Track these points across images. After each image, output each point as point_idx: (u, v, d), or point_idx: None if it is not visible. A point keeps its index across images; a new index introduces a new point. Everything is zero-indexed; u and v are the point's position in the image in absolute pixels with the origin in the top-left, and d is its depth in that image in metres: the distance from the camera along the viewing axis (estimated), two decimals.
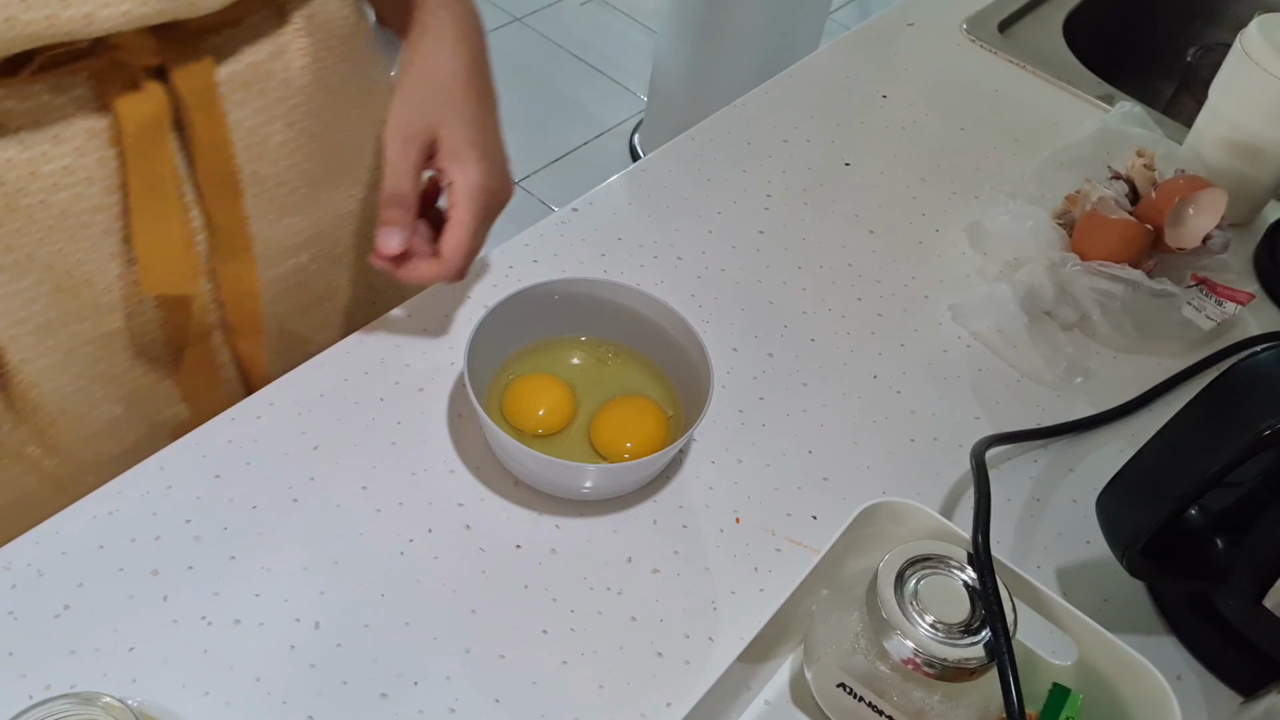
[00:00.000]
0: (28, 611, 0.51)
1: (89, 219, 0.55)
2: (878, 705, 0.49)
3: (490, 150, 0.60)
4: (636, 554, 0.58)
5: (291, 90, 0.60)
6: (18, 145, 0.51)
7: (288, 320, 0.69)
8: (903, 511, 0.51)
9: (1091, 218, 0.73)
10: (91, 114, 0.53)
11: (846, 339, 0.71)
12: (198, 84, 0.55)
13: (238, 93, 0.57)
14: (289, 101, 0.60)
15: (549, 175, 2.19)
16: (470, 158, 0.59)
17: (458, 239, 0.59)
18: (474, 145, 0.59)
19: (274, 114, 0.60)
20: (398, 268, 0.60)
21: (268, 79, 0.59)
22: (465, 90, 0.60)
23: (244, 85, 0.58)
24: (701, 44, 1.94)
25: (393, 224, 0.59)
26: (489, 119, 0.61)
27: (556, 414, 0.61)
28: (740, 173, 0.81)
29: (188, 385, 0.66)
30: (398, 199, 0.59)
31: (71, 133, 0.53)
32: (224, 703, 0.50)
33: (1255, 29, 0.75)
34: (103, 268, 0.57)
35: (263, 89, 0.59)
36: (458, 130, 0.59)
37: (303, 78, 0.60)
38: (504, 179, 0.62)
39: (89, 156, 0.54)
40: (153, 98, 0.54)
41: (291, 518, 0.56)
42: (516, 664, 0.53)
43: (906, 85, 0.92)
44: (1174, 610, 0.59)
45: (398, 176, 0.59)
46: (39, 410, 0.61)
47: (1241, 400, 0.51)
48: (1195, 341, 0.73)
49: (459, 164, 0.59)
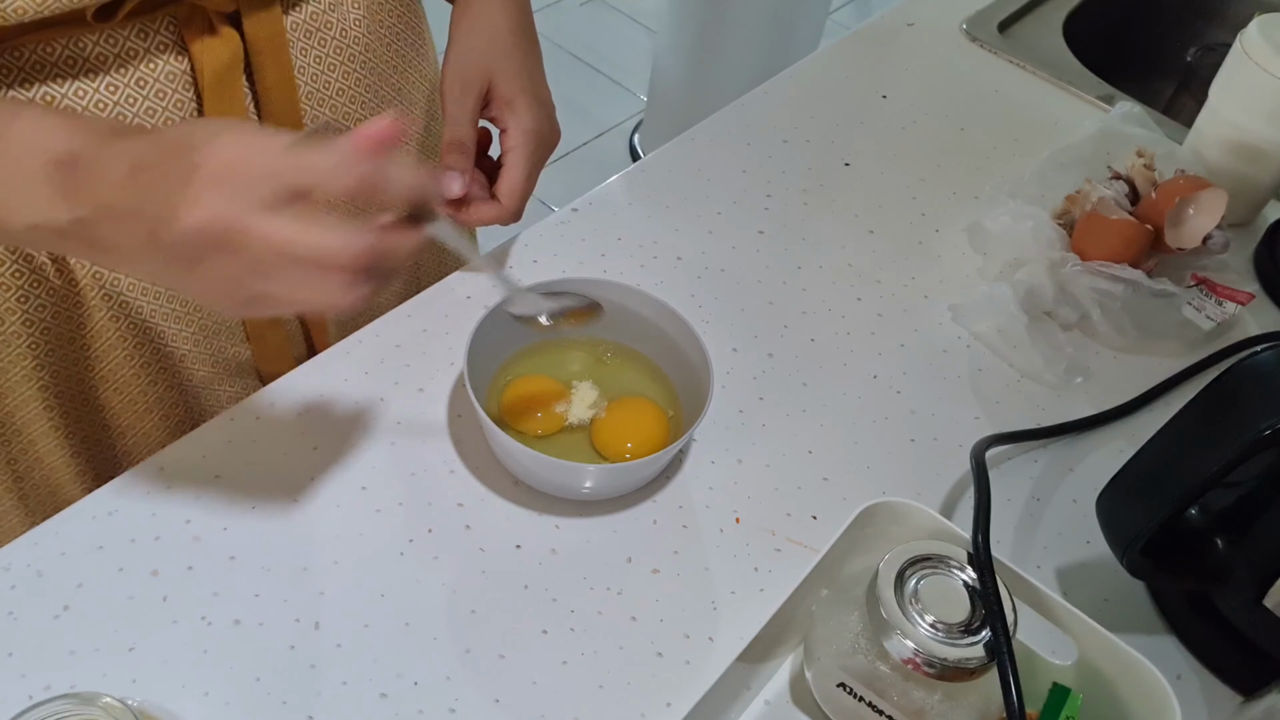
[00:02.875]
0: (28, 612, 0.51)
1: None
2: (878, 705, 0.49)
3: (541, 95, 0.64)
4: (636, 554, 0.57)
5: (348, 40, 0.64)
6: (107, 88, 0.55)
7: None
8: (903, 511, 0.51)
9: (1091, 218, 0.73)
10: (172, 58, 0.56)
11: (846, 339, 0.71)
12: (268, 30, 0.58)
13: (302, 40, 0.61)
14: (346, 51, 0.64)
15: (549, 175, 2.17)
16: (522, 104, 0.63)
17: (513, 181, 0.63)
18: (525, 92, 0.63)
19: (333, 62, 0.63)
20: (458, 212, 0.63)
21: (327, 29, 0.62)
22: (515, 39, 0.63)
23: (307, 34, 0.61)
24: (701, 44, 1.93)
25: (454, 169, 0.62)
26: (537, 67, 0.65)
27: (556, 414, 0.61)
28: (740, 173, 0.81)
29: (252, 325, 0.69)
30: (458, 145, 0.62)
31: (154, 76, 0.56)
32: (224, 703, 0.50)
33: (1255, 29, 0.75)
34: None
35: (323, 38, 0.62)
36: (510, 78, 0.63)
37: (358, 28, 0.64)
38: (553, 123, 0.66)
39: (169, 99, 0.57)
40: (228, 43, 0.57)
41: (291, 518, 0.56)
42: (516, 664, 0.53)
43: (906, 85, 0.92)
44: (1174, 610, 0.59)
45: (457, 123, 0.62)
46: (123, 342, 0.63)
47: (1241, 400, 0.51)
48: (1195, 341, 0.73)
49: (512, 111, 0.63)
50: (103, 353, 0.63)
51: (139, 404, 0.67)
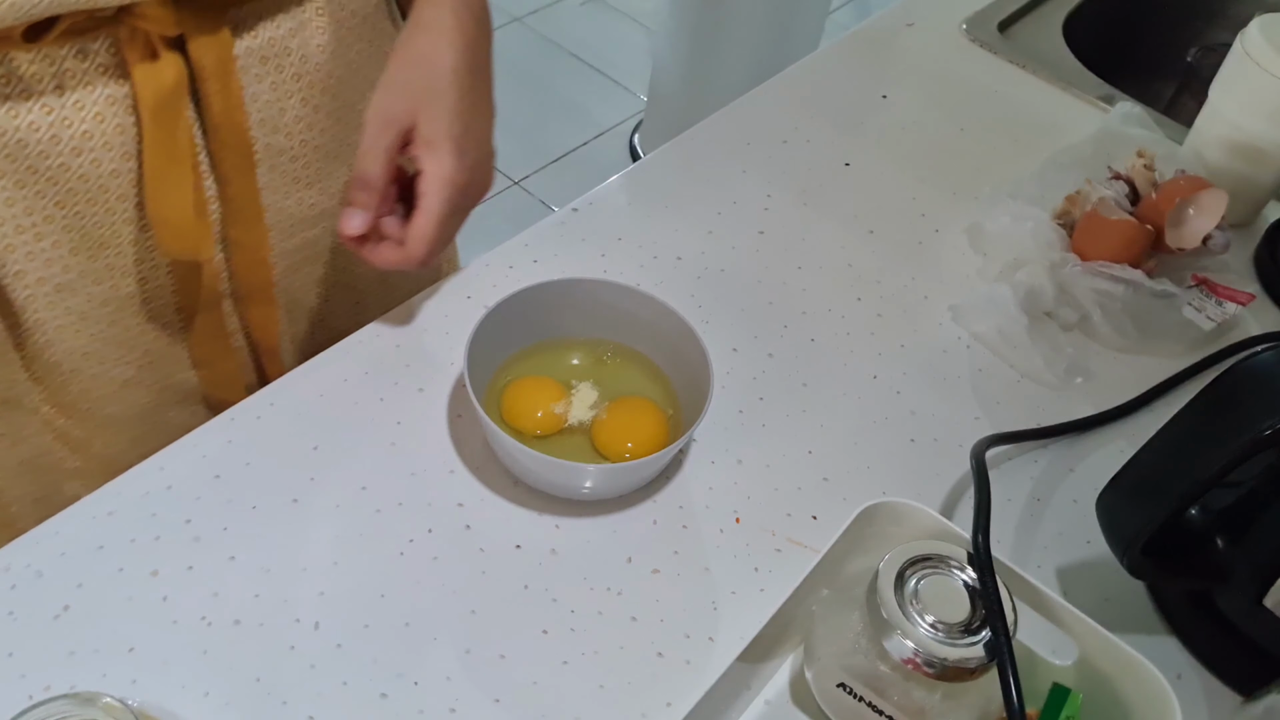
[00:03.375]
0: (27, 612, 0.51)
1: (107, 183, 0.57)
2: (878, 705, 0.49)
3: (467, 144, 0.60)
4: (636, 554, 0.57)
5: (309, 66, 0.62)
6: (41, 109, 0.53)
7: (301, 293, 0.70)
8: (903, 511, 0.51)
9: (1092, 218, 0.73)
10: (112, 81, 0.54)
11: (846, 339, 0.71)
12: (215, 56, 0.56)
13: (255, 66, 0.59)
14: (306, 78, 0.62)
15: (549, 175, 2.19)
16: (444, 149, 0.59)
17: (420, 228, 0.59)
18: (450, 137, 0.59)
19: (290, 89, 0.61)
20: (361, 247, 0.61)
21: (285, 55, 0.60)
22: (453, 80, 0.59)
23: (262, 59, 0.59)
24: (701, 44, 1.93)
25: (356, 205, 0.59)
26: (475, 113, 0.61)
27: (556, 414, 0.61)
28: (740, 173, 0.81)
29: (198, 351, 0.67)
30: (363, 181, 0.59)
31: (93, 99, 0.54)
32: (224, 703, 0.49)
33: (1255, 29, 0.75)
34: (118, 231, 0.59)
35: (280, 64, 0.60)
36: (436, 120, 0.59)
37: (320, 55, 0.62)
38: (479, 174, 0.62)
39: (108, 123, 0.55)
40: (171, 67, 0.55)
41: (291, 518, 0.56)
42: (517, 664, 0.53)
43: (906, 85, 0.92)
44: (1174, 610, 0.59)
45: (367, 159, 0.59)
46: (54, 370, 0.62)
47: (1241, 400, 0.51)
48: (1195, 341, 0.73)
49: (431, 153, 0.59)
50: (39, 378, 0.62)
51: (79, 431, 0.66)
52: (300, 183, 0.65)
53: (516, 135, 2.24)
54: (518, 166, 2.19)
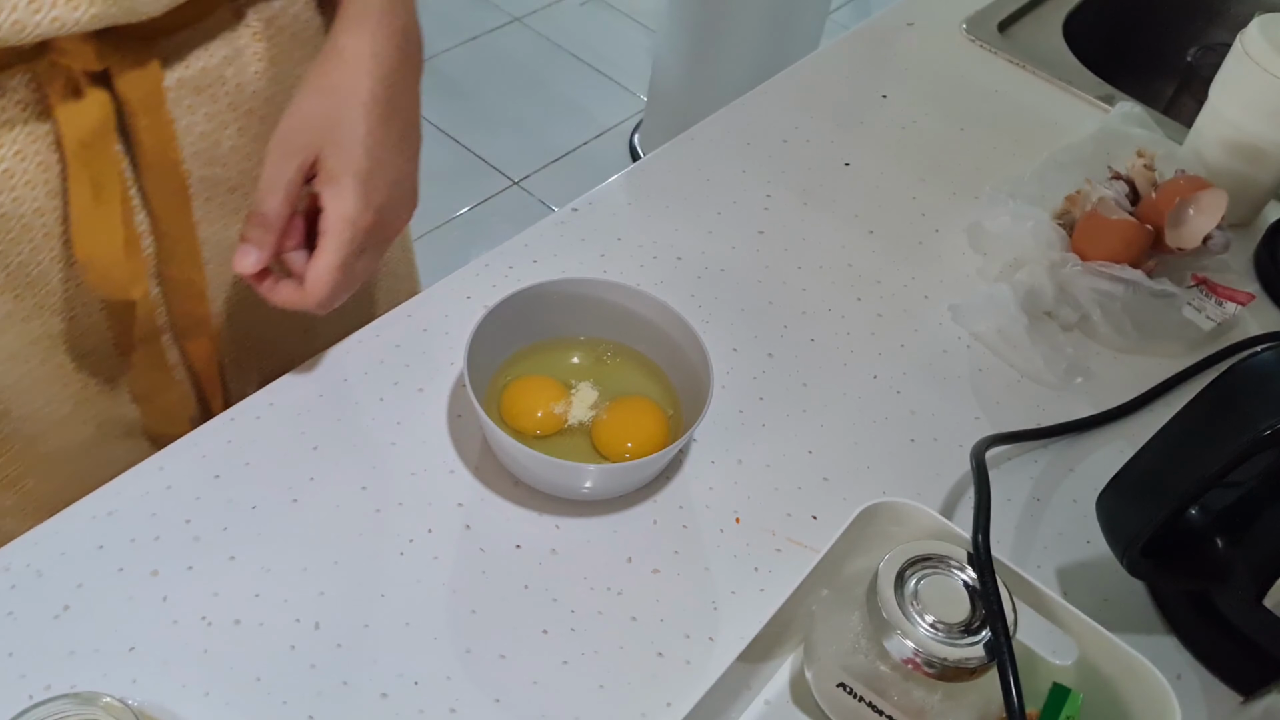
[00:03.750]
0: (27, 612, 0.51)
1: (32, 222, 0.55)
2: (878, 705, 0.49)
3: (376, 182, 0.56)
4: (636, 554, 0.57)
5: (246, 95, 0.59)
6: None
7: (246, 324, 0.68)
8: (903, 511, 0.51)
9: (1092, 218, 0.73)
10: (34, 118, 0.52)
11: (846, 339, 0.71)
12: (143, 89, 0.54)
13: (188, 98, 0.57)
14: (243, 106, 0.59)
15: (549, 175, 2.19)
16: (347, 185, 0.55)
17: (319, 268, 0.55)
18: (355, 173, 0.55)
19: (226, 119, 0.59)
20: (260, 285, 0.57)
21: (220, 84, 0.58)
22: (368, 110, 0.55)
23: (195, 90, 0.57)
24: (701, 44, 1.93)
25: (250, 242, 0.56)
26: (388, 149, 0.57)
27: (556, 414, 0.61)
28: (740, 173, 0.81)
29: (138, 386, 0.65)
30: (259, 217, 0.55)
31: (13, 136, 0.52)
32: (224, 703, 0.49)
33: (1255, 29, 0.75)
34: (47, 270, 0.57)
35: (214, 94, 0.58)
36: (342, 152, 0.55)
37: (258, 82, 0.59)
38: (390, 214, 0.58)
39: (30, 161, 0.53)
40: (95, 104, 0.52)
41: (291, 518, 0.56)
42: (517, 664, 0.53)
43: (906, 85, 0.92)
44: (1174, 610, 0.59)
45: (265, 193, 0.55)
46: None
47: (1241, 400, 0.51)
48: (1195, 342, 0.73)
49: (333, 189, 0.55)
50: None
51: (12, 468, 0.64)
52: (240, 214, 0.62)
53: (517, 135, 2.24)
54: (518, 166, 2.19)
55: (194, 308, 0.63)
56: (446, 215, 2.07)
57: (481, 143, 2.21)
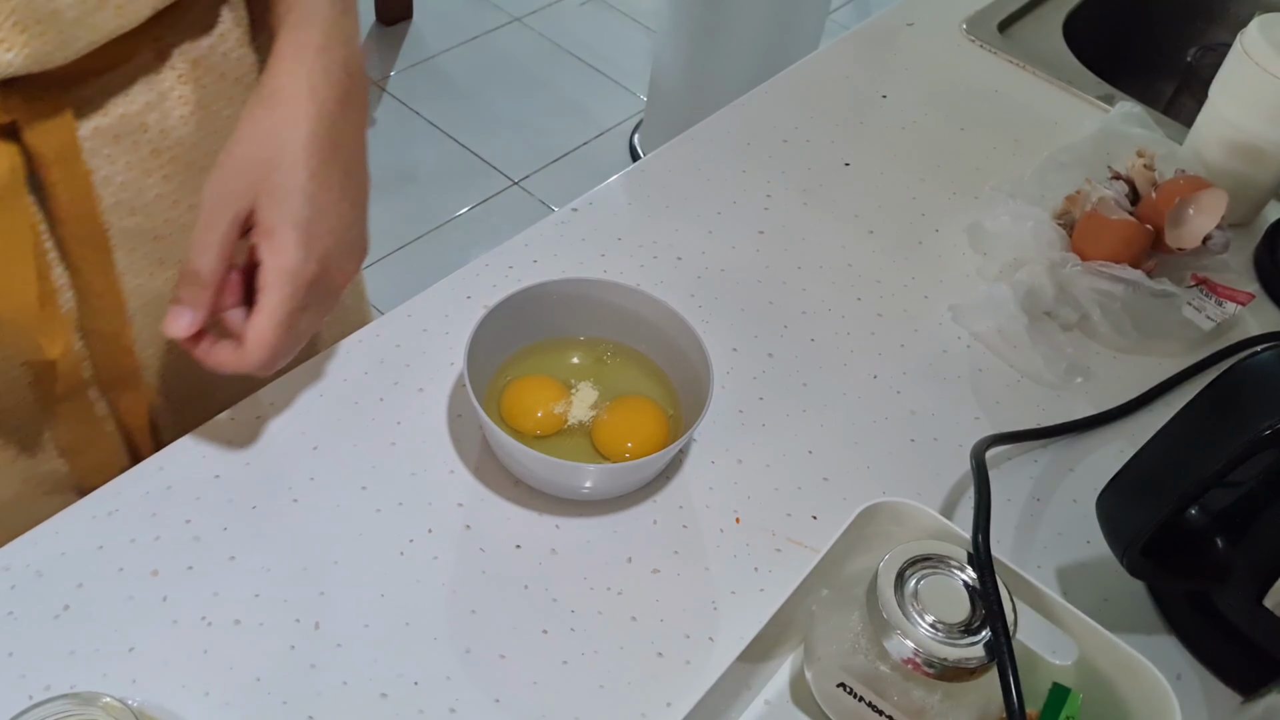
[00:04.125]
0: (27, 612, 0.51)
1: None
2: (878, 705, 0.49)
3: (317, 231, 0.52)
4: (636, 554, 0.57)
5: (170, 141, 0.56)
6: None
7: (179, 374, 0.65)
8: (903, 511, 0.51)
9: (1092, 218, 0.73)
10: None
11: (846, 339, 0.71)
12: (56, 141, 0.51)
13: (106, 147, 0.53)
14: (168, 153, 0.56)
15: (549, 175, 2.19)
16: (286, 237, 0.51)
17: (258, 329, 0.51)
18: (295, 224, 0.51)
19: (150, 166, 0.56)
20: (194, 347, 0.53)
21: (142, 131, 0.54)
22: (303, 156, 0.51)
23: (114, 139, 0.54)
24: (701, 44, 1.93)
25: (182, 303, 0.52)
26: (330, 195, 0.53)
27: (556, 414, 0.61)
28: (740, 173, 0.81)
29: (65, 440, 0.62)
30: (192, 275, 0.51)
31: None
32: (224, 703, 0.50)
33: (1255, 29, 0.75)
34: None
35: (136, 141, 0.55)
36: (279, 202, 0.51)
37: (184, 127, 0.56)
38: (334, 265, 0.53)
39: None
40: (3, 159, 0.49)
41: (291, 518, 0.56)
42: (516, 664, 0.53)
43: (906, 85, 0.92)
44: (1174, 610, 0.59)
45: (197, 249, 0.51)
46: None
47: (1241, 400, 0.51)
48: (1195, 341, 0.73)
49: (271, 242, 0.51)
50: None
51: None
52: (166, 264, 0.60)
53: (516, 135, 2.24)
54: (518, 166, 2.19)
55: (120, 360, 0.60)
56: (446, 215, 2.07)
57: (481, 143, 2.21)
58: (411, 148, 2.20)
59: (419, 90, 2.31)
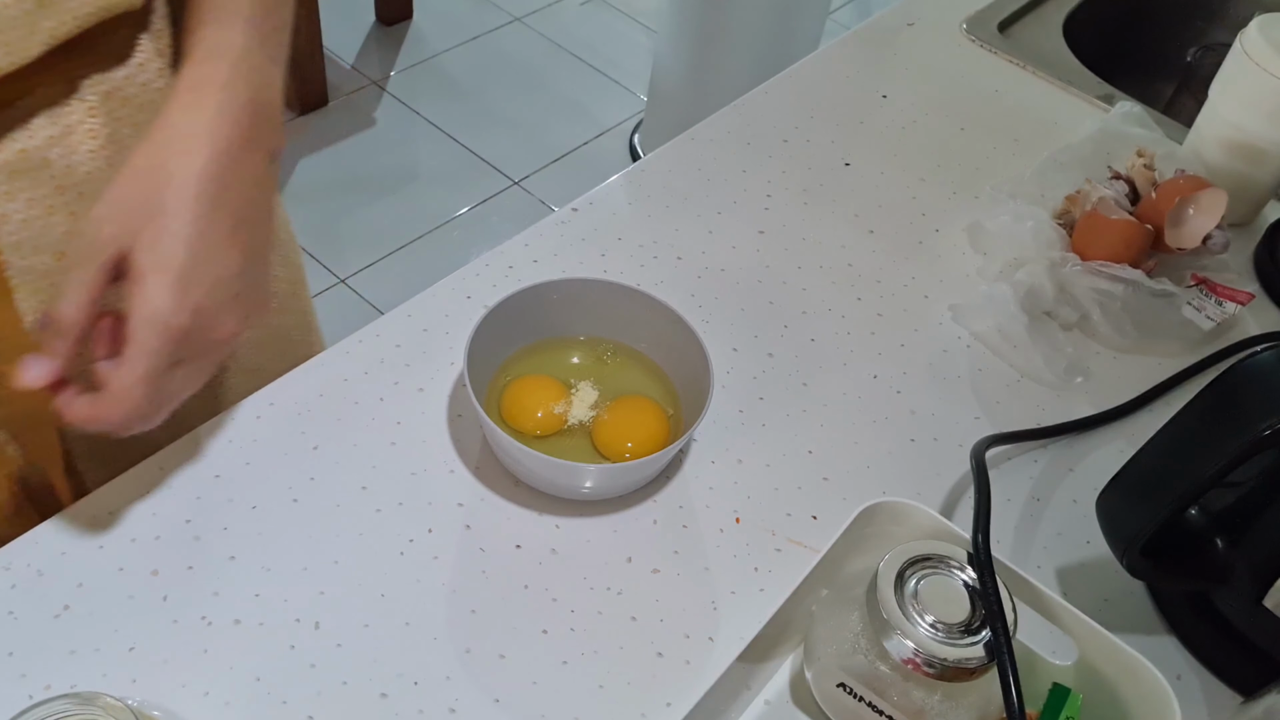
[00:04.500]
0: (28, 611, 0.51)
1: None
2: (878, 705, 0.49)
3: (197, 277, 0.47)
4: (636, 554, 0.58)
5: (78, 176, 0.53)
6: None
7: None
8: (903, 511, 0.51)
9: (1092, 218, 0.73)
10: None
11: (846, 339, 0.71)
12: None
13: (4, 184, 0.51)
14: (74, 189, 0.53)
15: (549, 175, 2.19)
16: (157, 284, 0.46)
17: (123, 380, 0.47)
18: (168, 269, 0.47)
19: (54, 204, 0.53)
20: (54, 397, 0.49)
21: (44, 167, 0.52)
22: (190, 198, 0.47)
23: (11, 175, 0.51)
24: (701, 44, 1.93)
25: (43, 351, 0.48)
26: (215, 238, 0.48)
27: (556, 414, 0.61)
28: (740, 173, 0.81)
29: None
30: (51, 321, 0.47)
31: None
32: (224, 703, 0.50)
33: (1255, 29, 0.75)
34: None
35: (37, 178, 0.52)
36: (151, 247, 0.47)
37: (93, 162, 0.53)
38: (208, 316, 0.48)
39: None
40: None
41: (291, 518, 0.56)
42: (516, 664, 0.53)
43: (906, 85, 0.92)
44: (1174, 610, 0.59)
45: (64, 295, 0.47)
46: None
47: (1241, 400, 0.51)
48: (1195, 341, 0.73)
49: (141, 290, 0.47)
50: None
51: None
52: None
53: (516, 135, 2.24)
54: (518, 166, 2.19)
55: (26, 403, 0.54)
56: (446, 215, 2.07)
57: (481, 143, 2.21)
58: (411, 148, 2.20)
59: (419, 90, 2.31)
